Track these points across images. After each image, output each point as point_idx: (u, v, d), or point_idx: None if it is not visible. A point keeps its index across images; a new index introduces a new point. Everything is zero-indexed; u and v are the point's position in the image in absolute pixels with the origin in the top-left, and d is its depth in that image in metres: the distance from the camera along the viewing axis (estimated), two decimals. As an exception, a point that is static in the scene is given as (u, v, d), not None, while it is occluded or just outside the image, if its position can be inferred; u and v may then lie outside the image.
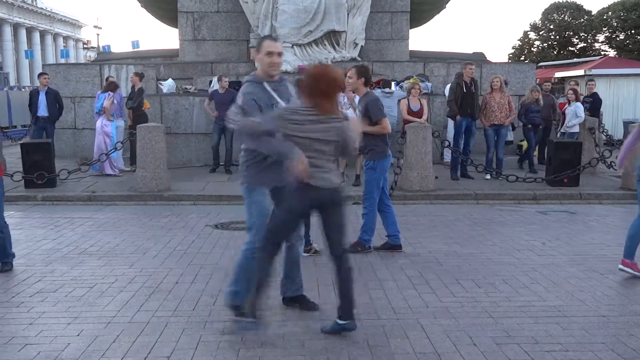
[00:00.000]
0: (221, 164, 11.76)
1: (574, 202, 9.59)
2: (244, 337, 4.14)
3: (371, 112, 6.16)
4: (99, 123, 11.31)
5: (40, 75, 12.95)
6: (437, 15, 19.00)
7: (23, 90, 28.59)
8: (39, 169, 9.96)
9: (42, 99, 12.29)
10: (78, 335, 4.25)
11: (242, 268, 4.38)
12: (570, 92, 11.89)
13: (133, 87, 12.06)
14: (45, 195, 9.62)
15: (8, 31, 53.38)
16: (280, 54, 4.29)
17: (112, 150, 10.91)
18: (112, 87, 11.48)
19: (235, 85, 12.74)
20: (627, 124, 15.19)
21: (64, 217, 8.29)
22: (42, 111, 12.28)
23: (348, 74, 6.25)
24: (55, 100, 12.42)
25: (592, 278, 5.60)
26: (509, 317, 4.60)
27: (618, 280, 5.52)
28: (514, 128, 12.05)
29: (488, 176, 10.83)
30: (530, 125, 11.65)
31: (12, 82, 41.47)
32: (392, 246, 6.54)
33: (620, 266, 5.62)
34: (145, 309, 4.75)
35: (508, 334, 4.28)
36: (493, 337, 4.21)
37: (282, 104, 4.26)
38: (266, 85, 4.30)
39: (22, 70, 53.40)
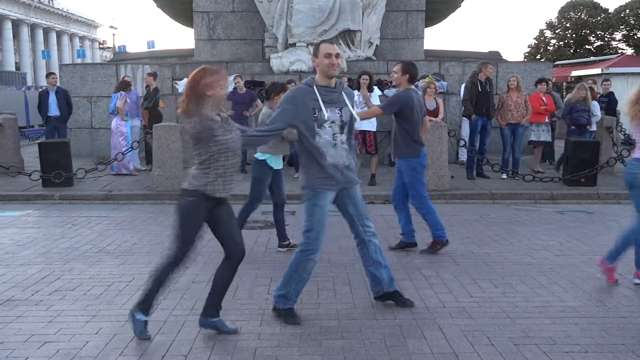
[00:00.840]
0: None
1: (591, 202, 9.51)
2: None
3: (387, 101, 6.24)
4: (114, 123, 11.39)
5: (48, 75, 13.06)
6: (453, 14, 18.94)
7: (40, 90, 28.88)
8: (57, 168, 10.06)
9: (52, 99, 12.39)
10: (96, 333, 4.28)
11: (294, 270, 4.46)
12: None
13: (148, 87, 12.13)
14: (63, 194, 9.71)
15: (25, 32, 53.91)
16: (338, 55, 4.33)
17: (128, 150, 10.98)
18: (122, 86, 11.52)
19: (251, 85, 12.78)
20: (645, 123, 15.01)
21: (81, 216, 8.36)
22: (54, 111, 12.38)
23: (394, 69, 6.23)
24: (65, 100, 12.52)
25: (611, 279, 5.53)
26: (526, 317, 4.57)
27: (638, 281, 5.45)
28: (553, 129, 11.79)
29: (504, 176, 10.77)
30: (574, 127, 11.25)
31: (29, 82, 41.86)
32: (407, 244, 6.52)
33: (636, 280, 5.42)
34: (163, 308, 4.77)
35: (526, 334, 4.25)
36: (511, 338, 4.18)
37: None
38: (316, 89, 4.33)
39: (39, 70, 53.87)
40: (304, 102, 4.29)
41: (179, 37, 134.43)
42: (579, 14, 44.07)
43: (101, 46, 69.90)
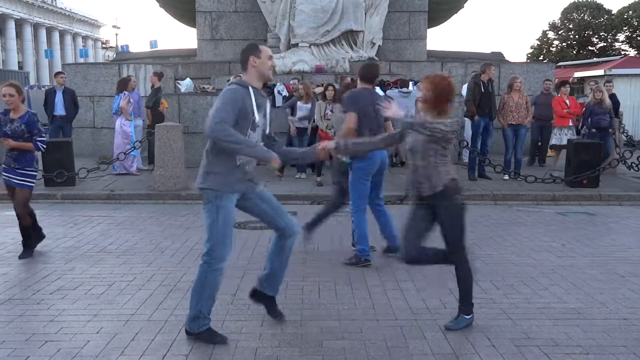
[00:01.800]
0: None
1: (593, 203, 9.49)
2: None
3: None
4: (118, 123, 11.39)
5: (57, 74, 13.07)
6: (455, 14, 18.95)
7: (43, 89, 28.88)
8: (59, 168, 10.07)
9: (59, 98, 12.38)
10: (97, 332, 4.28)
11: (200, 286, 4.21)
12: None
13: (153, 86, 12.15)
14: (65, 194, 9.72)
15: (28, 31, 53.99)
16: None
17: (131, 149, 10.99)
18: (122, 86, 11.50)
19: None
20: (647, 125, 15.00)
21: (83, 216, 8.37)
22: (60, 110, 12.38)
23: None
24: (72, 100, 12.52)
25: (612, 280, 5.53)
26: (528, 318, 4.56)
27: (639, 283, 5.44)
28: (578, 132, 11.65)
29: (506, 177, 10.75)
30: (594, 130, 11.13)
31: (32, 82, 41.92)
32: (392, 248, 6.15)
33: None
34: (164, 307, 4.78)
35: (527, 335, 4.24)
36: (512, 339, 4.17)
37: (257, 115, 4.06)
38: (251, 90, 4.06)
39: (42, 69, 53.97)
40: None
41: (182, 37, 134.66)
42: (582, 15, 44.06)
43: (104, 46, 69.94)
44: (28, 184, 6.23)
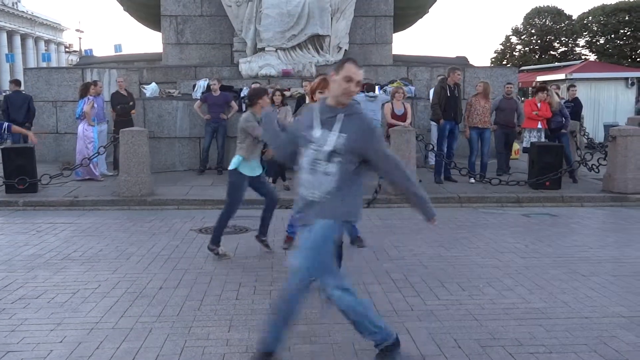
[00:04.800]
0: (208, 167, 11.85)
1: (556, 204, 9.68)
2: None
3: None
4: (80, 128, 11.21)
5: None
6: (420, 19, 19.14)
7: (3, 94, 28.30)
8: (21, 174, 9.86)
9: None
10: (61, 341, 4.20)
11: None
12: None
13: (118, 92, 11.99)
14: (27, 201, 9.52)
15: (-12, 35, 52.89)
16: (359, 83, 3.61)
17: (95, 155, 10.82)
18: (85, 90, 11.32)
19: (227, 89, 12.73)
20: (607, 127, 15.36)
21: (46, 223, 8.20)
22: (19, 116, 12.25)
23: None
24: (28, 105, 12.43)
25: (575, 280, 5.65)
26: (493, 319, 4.63)
27: (600, 282, 5.57)
28: (547, 135, 11.69)
29: (472, 180, 10.86)
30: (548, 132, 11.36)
31: (-7, 86, 40.98)
32: (354, 238, 6.68)
33: None
34: (129, 315, 4.71)
35: (492, 336, 4.30)
36: (478, 340, 4.23)
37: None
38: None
39: (3, 74, 52.84)
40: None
41: (147, 41, 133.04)
42: (543, 20, 44.98)
43: (67, 50, 68.81)
44: None
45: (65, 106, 13.78)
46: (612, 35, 41.81)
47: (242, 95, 12.30)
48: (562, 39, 44.88)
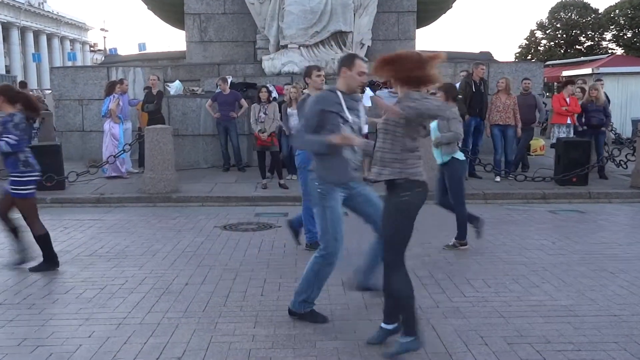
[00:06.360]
0: (232, 164, 11.90)
1: (583, 201, 9.55)
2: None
3: None
4: (106, 125, 11.34)
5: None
6: (444, 15, 18.97)
7: (30, 93, 28.75)
8: (48, 172, 9.98)
9: None
10: (89, 336, 4.26)
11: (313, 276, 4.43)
12: (578, 90, 11.75)
13: (149, 89, 12.09)
14: (54, 198, 9.66)
15: (15, 35, 53.62)
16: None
17: (120, 152, 10.94)
18: (111, 88, 11.44)
19: (242, 87, 12.76)
20: (635, 122, 15.10)
21: (73, 219, 8.32)
22: None
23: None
24: None
25: (603, 277, 5.57)
26: (520, 316, 4.59)
27: (629, 279, 5.49)
28: (576, 131, 11.57)
29: (498, 178, 10.70)
30: (586, 127, 11.14)
31: (20, 86, 41.59)
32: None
33: None
34: (156, 310, 4.76)
35: (519, 333, 4.26)
36: (504, 337, 4.19)
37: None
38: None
39: (29, 73, 53.57)
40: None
41: (171, 39, 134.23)
42: (569, 14, 44.36)
43: (92, 49, 69.55)
44: (16, 191, 5.82)
45: (91, 104, 13.95)
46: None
47: (270, 90, 11.86)
48: (588, 33, 44.24)
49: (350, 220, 4.66)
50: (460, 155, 6.58)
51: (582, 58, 29.50)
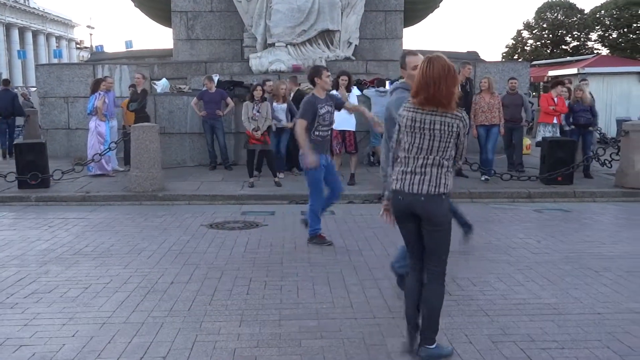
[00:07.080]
0: (219, 163, 11.86)
1: (568, 200, 9.61)
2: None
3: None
4: (92, 123, 11.25)
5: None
6: (431, 14, 19.03)
7: (15, 90, 28.49)
8: (33, 170, 9.91)
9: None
10: (73, 336, 4.23)
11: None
12: (564, 90, 11.82)
13: (133, 87, 12.00)
14: (39, 196, 9.58)
15: (0, 31, 53.14)
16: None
17: (106, 150, 10.87)
18: (96, 86, 11.36)
19: (229, 85, 12.72)
20: (620, 122, 15.22)
21: (58, 218, 8.25)
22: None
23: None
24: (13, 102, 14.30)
25: (587, 276, 5.61)
26: (504, 314, 4.61)
27: (613, 278, 5.53)
28: (563, 131, 11.57)
29: (483, 177, 10.71)
30: (573, 127, 11.21)
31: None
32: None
33: None
34: (141, 310, 4.74)
35: (504, 331, 4.28)
36: (489, 335, 4.21)
37: None
38: None
39: (14, 70, 53.14)
40: None
41: (158, 36, 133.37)
42: (555, 15, 44.60)
43: (78, 46, 69.12)
44: None
45: (76, 102, 13.84)
46: (625, 30, 41.33)
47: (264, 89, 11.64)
48: (574, 33, 44.49)
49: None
50: None
51: (568, 58, 29.68)
